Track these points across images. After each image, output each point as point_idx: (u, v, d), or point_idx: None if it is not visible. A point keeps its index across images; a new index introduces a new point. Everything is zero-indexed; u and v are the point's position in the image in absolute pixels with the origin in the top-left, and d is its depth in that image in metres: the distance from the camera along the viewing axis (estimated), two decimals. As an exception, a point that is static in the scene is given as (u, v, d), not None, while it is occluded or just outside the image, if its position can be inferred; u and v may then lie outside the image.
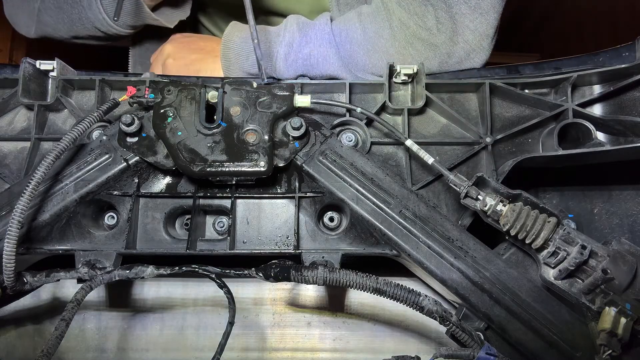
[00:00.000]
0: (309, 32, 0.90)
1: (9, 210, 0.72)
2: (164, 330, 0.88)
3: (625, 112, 0.80)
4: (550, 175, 0.93)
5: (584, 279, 0.66)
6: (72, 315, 0.66)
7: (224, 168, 0.70)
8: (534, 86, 0.82)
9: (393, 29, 0.86)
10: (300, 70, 0.89)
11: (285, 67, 0.89)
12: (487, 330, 0.70)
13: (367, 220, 0.73)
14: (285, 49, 0.89)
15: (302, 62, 0.89)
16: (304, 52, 0.89)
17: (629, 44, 0.83)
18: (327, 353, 0.87)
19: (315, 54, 0.88)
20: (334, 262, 0.73)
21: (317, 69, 0.89)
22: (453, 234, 0.72)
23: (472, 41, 0.86)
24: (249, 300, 0.89)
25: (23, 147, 0.82)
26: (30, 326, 0.88)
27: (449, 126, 0.83)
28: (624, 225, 0.91)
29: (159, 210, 0.77)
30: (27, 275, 0.70)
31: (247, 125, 0.73)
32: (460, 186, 0.69)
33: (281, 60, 0.89)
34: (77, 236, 0.76)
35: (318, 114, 0.82)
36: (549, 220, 0.67)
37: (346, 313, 0.89)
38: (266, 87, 0.75)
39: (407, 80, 0.82)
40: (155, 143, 0.73)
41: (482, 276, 0.70)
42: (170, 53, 1.04)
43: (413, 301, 0.66)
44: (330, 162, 0.74)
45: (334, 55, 0.88)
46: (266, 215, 0.77)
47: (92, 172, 0.74)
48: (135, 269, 0.69)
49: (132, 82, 0.81)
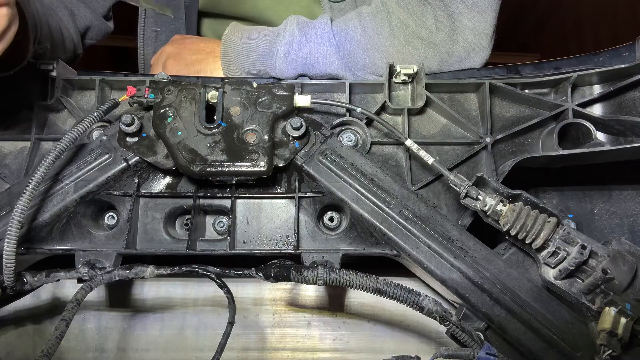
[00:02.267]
0: (309, 31, 0.90)
1: (9, 210, 0.72)
2: (164, 330, 0.88)
3: (625, 112, 0.80)
4: (550, 175, 0.93)
5: (584, 279, 0.66)
6: (72, 315, 0.66)
7: (224, 168, 0.70)
8: (534, 86, 0.82)
9: (392, 27, 0.86)
10: (300, 69, 0.90)
11: (285, 65, 0.89)
12: (487, 330, 0.70)
13: (367, 220, 0.73)
14: (285, 48, 0.89)
15: (302, 60, 0.89)
16: (304, 50, 0.89)
17: (629, 44, 0.83)
18: (327, 353, 0.87)
19: (315, 52, 0.88)
20: (334, 262, 0.72)
21: (317, 67, 0.89)
22: (453, 234, 0.72)
23: (472, 40, 0.86)
24: (249, 300, 0.89)
25: (23, 147, 0.82)
26: (30, 326, 0.88)
27: (449, 126, 0.83)
28: (624, 225, 0.91)
29: (159, 210, 0.77)
30: (27, 275, 0.70)
31: (247, 125, 0.73)
32: (460, 186, 0.69)
33: (281, 59, 0.89)
34: (77, 236, 0.76)
35: (318, 114, 0.82)
36: (549, 220, 0.67)
37: (346, 313, 0.88)
38: (266, 87, 0.75)
39: (407, 80, 0.82)
40: (155, 143, 0.73)
41: (482, 276, 0.70)
42: (171, 54, 1.04)
43: (413, 301, 0.66)
44: (330, 162, 0.74)
45: (333, 54, 0.88)
46: (266, 215, 0.77)
47: (92, 172, 0.74)
48: (135, 269, 0.69)
49: (132, 82, 0.81)
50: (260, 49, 0.91)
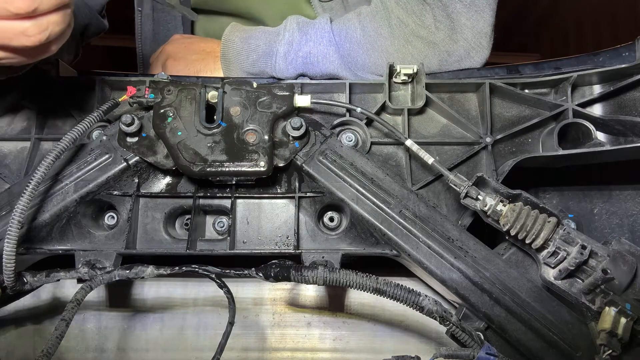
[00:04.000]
0: (309, 31, 0.90)
1: (9, 210, 0.72)
2: (164, 330, 0.88)
3: (625, 112, 0.80)
4: (550, 175, 0.93)
5: (584, 279, 0.66)
6: (72, 315, 0.66)
7: (224, 168, 0.70)
8: (534, 86, 0.82)
9: (392, 27, 0.86)
10: (300, 68, 0.90)
11: (285, 65, 0.89)
12: (487, 330, 0.70)
13: (367, 220, 0.73)
14: (285, 48, 0.89)
15: (302, 60, 0.89)
16: (304, 50, 0.89)
17: (629, 44, 0.83)
18: (327, 353, 0.87)
19: (315, 52, 0.89)
20: (334, 262, 0.72)
21: (317, 67, 0.89)
22: (453, 234, 0.72)
23: (471, 39, 0.86)
24: (249, 300, 0.89)
25: (23, 147, 0.82)
26: (30, 326, 0.88)
27: (449, 126, 0.83)
28: (624, 225, 0.91)
29: (159, 210, 0.77)
30: (27, 275, 0.70)
31: (247, 125, 0.73)
32: (460, 186, 0.69)
33: (281, 59, 0.89)
34: (77, 236, 0.76)
35: (318, 114, 0.82)
36: (549, 220, 0.67)
37: (346, 313, 0.88)
38: (266, 87, 0.75)
39: (407, 80, 0.82)
40: (155, 143, 0.73)
41: (482, 276, 0.70)
42: (171, 53, 1.04)
43: (413, 301, 0.66)
44: (330, 162, 0.74)
45: (333, 53, 0.88)
46: (266, 215, 0.77)
47: (92, 172, 0.74)
48: (135, 269, 0.69)
49: (132, 82, 0.81)
50: (260, 49, 0.91)
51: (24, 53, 0.60)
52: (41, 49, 0.60)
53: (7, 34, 0.57)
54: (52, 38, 0.59)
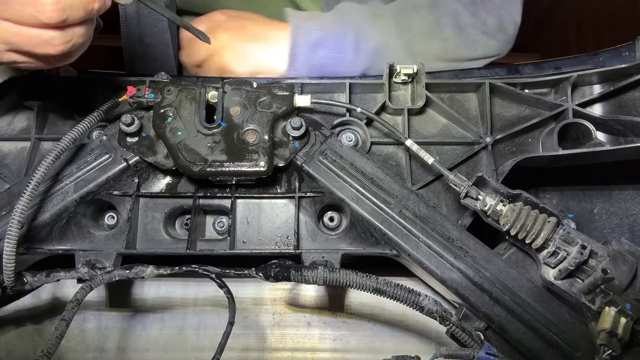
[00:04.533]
0: (377, 22, 0.95)
1: (9, 210, 0.72)
2: (164, 330, 0.88)
3: (625, 112, 0.80)
4: (550, 175, 0.93)
5: (584, 279, 0.66)
6: (72, 315, 0.66)
7: (224, 168, 0.70)
8: (534, 86, 0.82)
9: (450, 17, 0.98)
10: (366, 62, 0.95)
11: (354, 58, 0.94)
12: (487, 330, 0.70)
13: (367, 220, 0.73)
14: (354, 40, 0.93)
15: (370, 51, 0.94)
16: (373, 43, 0.94)
17: (629, 44, 0.83)
18: (327, 353, 0.87)
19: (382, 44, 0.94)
20: (334, 262, 0.72)
21: (385, 59, 0.86)
22: (453, 234, 0.72)
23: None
24: (249, 300, 0.89)
25: (23, 147, 0.82)
26: (30, 326, 0.88)
27: (449, 126, 0.83)
28: (624, 225, 0.91)
29: (159, 210, 0.77)
30: (27, 275, 0.70)
31: (247, 125, 0.73)
32: (460, 186, 0.69)
33: (351, 52, 0.93)
34: (77, 236, 0.76)
35: (318, 114, 0.82)
36: (549, 220, 0.67)
37: (346, 313, 0.89)
38: (266, 87, 0.75)
39: (407, 80, 0.82)
40: (155, 143, 0.73)
41: (482, 276, 0.70)
42: (224, 25, 0.99)
43: (413, 301, 0.66)
44: (330, 162, 0.74)
45: (400, 46, 0.95)
46: (266, 215, 0.77)
47: (92, 172, 0.74)
48: (135, 269, 0.69)
49: (132, 82, 0.81)
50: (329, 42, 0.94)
51: (44, 60, 0.62)
52: (61, 58, 0.62)
53: (33, 41, 0.58)
54: (74, 49, 0.61)
